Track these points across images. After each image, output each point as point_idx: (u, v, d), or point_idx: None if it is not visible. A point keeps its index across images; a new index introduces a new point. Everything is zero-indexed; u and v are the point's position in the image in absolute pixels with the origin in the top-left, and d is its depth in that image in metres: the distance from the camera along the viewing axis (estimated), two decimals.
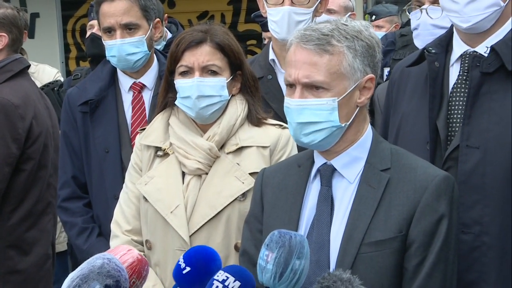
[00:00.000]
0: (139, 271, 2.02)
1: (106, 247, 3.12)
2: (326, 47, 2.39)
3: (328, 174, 2.49)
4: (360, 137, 2.50)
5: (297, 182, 2.55)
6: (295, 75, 2.42)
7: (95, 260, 1.91)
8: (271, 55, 3.70)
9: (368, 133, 2.52)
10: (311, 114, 2.41)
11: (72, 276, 1.88)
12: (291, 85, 2.46)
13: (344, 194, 2.46)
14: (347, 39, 2.41)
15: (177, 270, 2.18)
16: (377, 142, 2.52)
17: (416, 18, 3.71)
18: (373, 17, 6.69)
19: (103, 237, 3.58)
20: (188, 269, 2.17)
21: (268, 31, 3.74)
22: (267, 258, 2.05)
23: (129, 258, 2.02)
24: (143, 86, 3.78)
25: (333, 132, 2.43)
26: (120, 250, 2.03)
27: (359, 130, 2.50)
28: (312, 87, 2.41)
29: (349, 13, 5.15)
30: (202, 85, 2.92)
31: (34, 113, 3.90)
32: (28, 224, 3.92)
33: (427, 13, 3.65)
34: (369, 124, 2.55)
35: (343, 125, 2.43)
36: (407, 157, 2.50)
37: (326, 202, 2.46)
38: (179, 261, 2.16)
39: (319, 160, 2.53)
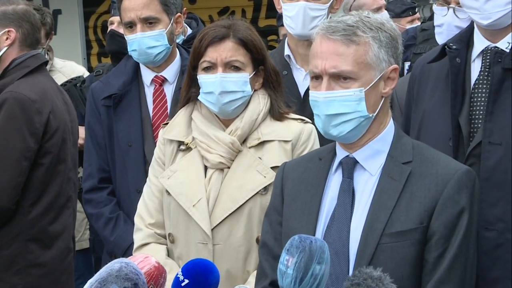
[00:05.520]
0: (156, 277, 2.03)
1: (132, 236, 3.15)
2: (352, 37, 2.41)
3: (350, 166, 2.49)
4: (383, 130, 2.51)
5: (318, 174, 2.55)
6: (322, 65, 2.43)
7: (113, 264, 1.92)
8: (286, 51, 3.69)
9: (390, 126, 2.53)
10: (339, 105, 2.42)
11: (91, 281, 1.89)
12: (317, 77, 2.47)
13: (366, 186, 2.47)
14: (372, 30, 2.43)
15: (176, 283, 2.19)
16: (399, 136, 2.53)
17: (442, 14, 3.67)
18: None
19: (129, 225, 3.58)
20: (186, 281, 2.17)
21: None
22: (287, 263, 2.04)
23: (146, 265, 2.03)
24: (164, 80, 3.80)
25: (361, 123, 2.44)
26: (138, 258, 2.05)
27: (382, 122, 2.51)
28: (339, 78, 2.42)
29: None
30: (225, 81, 2.94)
31: (52, 108, 3.89)
32: (50, 218, 3.92)
33: (454, 12, 3.60)
34: (391, 118, 2.55)
35: (370, 115, 2.44)
36: (428, 151, 2.51)
37: (348, 194, 2.47)
38: (177, 273, 2.17)
39: (341, 153, 2.53)
